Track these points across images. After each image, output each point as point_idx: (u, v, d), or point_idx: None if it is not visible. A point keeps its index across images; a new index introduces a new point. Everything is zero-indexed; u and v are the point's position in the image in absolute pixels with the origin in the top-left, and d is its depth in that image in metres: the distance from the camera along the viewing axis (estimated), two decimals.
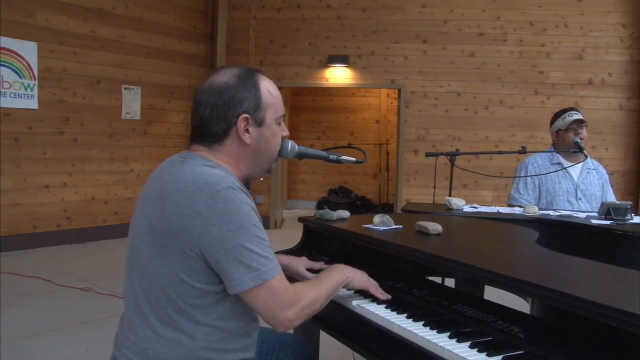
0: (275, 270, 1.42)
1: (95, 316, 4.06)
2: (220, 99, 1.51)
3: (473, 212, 2.86)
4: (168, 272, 1.41)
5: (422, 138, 8.09)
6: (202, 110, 1.52)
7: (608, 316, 1.19)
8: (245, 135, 1.53)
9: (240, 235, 1.37)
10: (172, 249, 1.40)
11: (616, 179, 7.80)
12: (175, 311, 1.43)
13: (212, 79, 1.55)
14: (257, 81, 1.55)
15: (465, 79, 8.01)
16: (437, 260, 1.70)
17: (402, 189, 8.12)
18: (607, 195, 3.41)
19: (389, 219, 2.15)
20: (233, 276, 1.38)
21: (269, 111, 1.56)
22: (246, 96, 1.52)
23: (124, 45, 7.26)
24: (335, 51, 8.22)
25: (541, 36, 7.92)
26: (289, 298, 1.42)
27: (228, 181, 1.42)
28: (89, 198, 7.06)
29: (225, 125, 1.51)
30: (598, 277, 1.63)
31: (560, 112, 3.43)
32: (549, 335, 1.43)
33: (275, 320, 1.42)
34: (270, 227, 8.43)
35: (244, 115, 1.52)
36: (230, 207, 1.38)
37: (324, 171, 10.96)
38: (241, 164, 1.57)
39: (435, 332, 1.46)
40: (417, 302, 1.70)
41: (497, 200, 7.68)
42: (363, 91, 10.79)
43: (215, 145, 1.54)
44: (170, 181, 1.45)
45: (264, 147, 1.58)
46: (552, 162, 3.42)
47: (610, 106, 7.90)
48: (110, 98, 7.16)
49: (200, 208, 1.37)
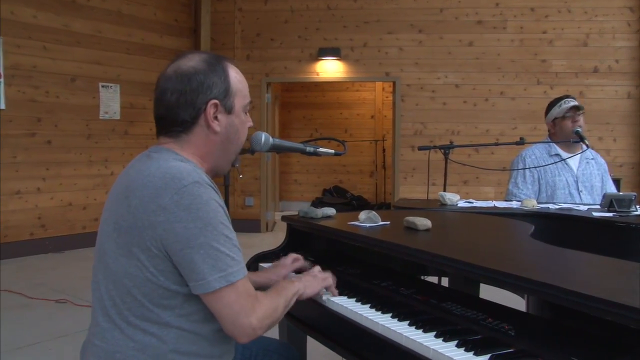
0: (242, 272, 1.41)
1: (72, 329, 4.04)
2: (188, 84, 1.50)
3: (468, 207, 2.86)
4: (134, 272, 1.41)
5: (420, 133, 8.10)
6: (167, 97, 1.52)
7: (603, 310, 1.19)
8: (215, 122, 1.53)
9: (206, 233, 1.37)
10: (137, 247, 1.40)
11: (625, 171, 7.82)
12: (143, 313, 1.42)
13: (177, 65, 1.54)
14: (225, 67, 1.56)
15: (464, 70, 8.02)
16: (424, 256, 1.70)
17: (400, 186, 8.14)
18: (606, 187, 3.44)
19: (375, 215, 2.15)
20: (198, 276, 1.37)
21: (238, 98, 1.57)
22: (215, 81, 1.52)
23: (100, 40, 7.25)
24: (326, 43, 8.23)
25: (543, 22, 7.94)
26: (252, 303, 1.42)
27: (195, 176, 1.42)
28: (66, 204, 7.03)
29: (193, 112, 1.51)
30: (595, 269, 1.63)
31: (556, 100, 3.48)
32: (541, 332, 1.43)
33: (239, 327, 1.40)
34: (262, 230, 8.43)
35: (214, 101, 1.52)
36: (197, 202, 1.38)
37: (318, 170, 10.97)
38: (209, 155, 1.57)
39: (420, 331, 1.46)
40: (404, 301, 1.70)
41: (500, 196, 7.68)
42: (357, 85, 10.80)
43: (182, 136, 1.54)
44: (136, 177, 1.46)
45: (233, 136, 1.58)
46: (551, 153, 3.43)
47: (617, 95, 7.93)
48: (86, 97, 7.14)
49: (165, 203, 1.37)
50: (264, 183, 8.45)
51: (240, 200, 8.44)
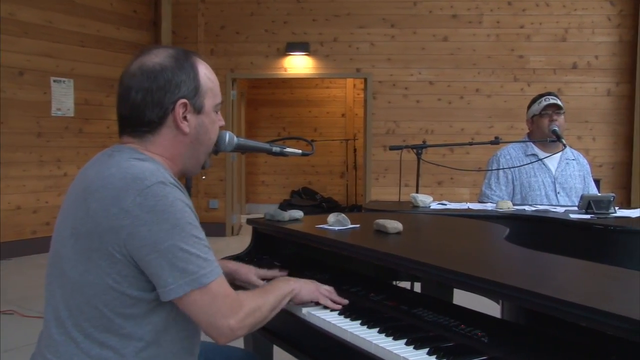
0: (215, 273, 1.40)
1: (20, 342, 3.94)
2: (155, 82, 1.48)
3: (441, 209, 2.89)
4: (94, 279, 1.39)
5: (392, 132, 8.16)
6: (132, 96, 1.49)
7: (578, 315, 1.21)
8: (184, 123, 1.51)
9: (174, 235, 1.36)
10: (97, 253, 1.38)
11: (605, 171, 7.96)
12: (103, 324, 1.40)
13: (142, 61, 1.51)
14: (194, 63, 1.54)
15: (438, 66, 8.10)
16: (394, 261, 1.71)
17: (371, 188, 8.18)
18: (588, 188, 3.48)
19: (344, 217, 2.16)
20: (167, 281, 1.36)
21: (208, 97, 1.56)
22: (184, 79, 1.50)
23: (52, 32, 7.11)
24: (295, 38, 8.22)
25: (520, 17, 8.06)
26: (230, 304, 1.40)
27: (159, 175, 1.41)
28: (14, 207, 6.88)
29: (161, 112, 1.49)
30: (572, 274, 1.66)
31: (537, 97, 3.50)
32: (515, 339, 1.44)
33: (216, 330, 1.39)
34: (227, 234, 8.39)
35: (182, 100, 1.50)
36: (161, 204, 1.36)
37: (286, 171, 10.96)
38: (177, 157, 1.55)
39: (391, 338, 1.46)
40: (374, 307, 1.71)
41: (475, 198, 7.76)
42: (327, 82, 10.82)
43: (148, 136, 1.51)
44: (95, 178, 1.43)
45: (203, 137, 1.57)
46: (527, 153, 3.47)
47: (597, 92, 8.06)
48: (37, 92, 6.99)
49: (128, 206, 1.36)
50: (229, 184, 8.41)
51: (204, 202, 8.38)
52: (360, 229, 2.17)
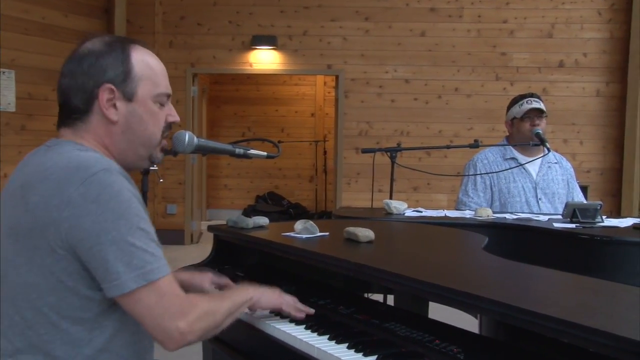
0: (164, 270, 1.40)
1: None
2: (79, 66, 1.52)
3: (416, 216, 2.91)
4: (37, 280, 1.39)
5: (365, 133, 8.19)
6: (61, 81, 1.54)
7: (559, 330, 1.22)
8: (110, 110, 1.53)
9: (119, 226, 1.36)
10: (39, 250, 1.38)
11: (593, 177, 8.02)
12: (49, 331, 1.40)
13: (79, 48, 1.56)
14: (128, 49, 1.56)
15: (415, 63, 8.16)
16: (365, 271, 1.72)
17: (342, 193, 8.20)
18: (573, 194, 3.51)
19: (312, 225, 2.17)
20: (111, 276, 1.36)
21: (143, 85, 1.56)
22: (111, 63, 1.53)
23: None
24: (261, 31, 8.21)
25: (503, 11, 8.14)
26: (180, 305, 1.40)
27: (104, 163, 1.43)
28: None
29: (85, 96, 1.52)
30: (554, 286, 1.69)
31: (519, 98, 3.51)
32: (494, 356, 1.46)
33: (164, 332, 1.38)
34: (186, 242, 8.34)
35: (107, 85, 1.52)
36: (106, 192, 1.38)
37: (251, 175, 10.92)
38: (111, 147, 1.56)
39: (361, 354, 1.48)
40: (344, 320, 1.72)
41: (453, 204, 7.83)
42: (295, 79, 10.83)
43: (79, 124, 1.54)
44: (34, 172, 1.45)
45: (136, 127, 1.57)
46: (506, 157, 3.49)
47: (585, 92, 8.11)
48: None
49: (70, 196, 1.36)
50: (188, 188, 8.35)
51: (161, 207, 8.30)
52: (329, 237, 2.17)
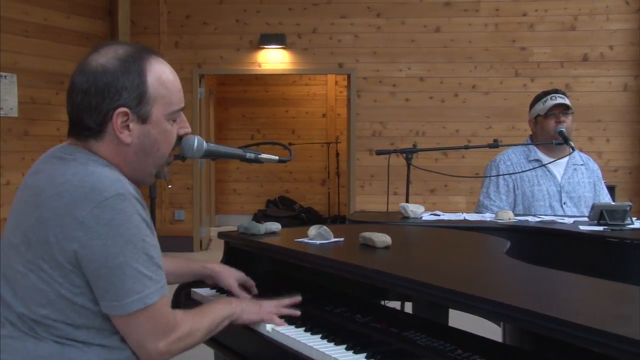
0: (159, 293, 1.50)
1: None
2: (94, 84, 1.53)
3: (434, 220, 2.90)
4: (45, 288, 1.47)
5: (378, 134, 8.19)
6: (74, 96, 1.56)
7: (590, 340, 1.20)
8: (124, 133, 1.56)
9: (125, 252, 1.45)
10: (48, 263, 1.46)
11: (621, 177, 7.92)
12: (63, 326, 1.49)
13: (90, 59, 1.57)
14: (143, 67, 1.57)
15: (430, 60, 8.15)
16: (382, 278, 1.72)
17: (356, 196, 8.20)
18: (600, 197, 3.48)
19: (326, 230, 2.17)
20: (112, 296, 1.46)
21: (157, 106, 1.59)
22: (126, 86, 1.54)
23: None
24: (269, 29, 8.23)
25: (522, 3, 8.08)
26: (165, 327, 1.52)
27: (119, 187, 1.48)
28: None
29: (98, 118, 1.55)
30: (582, 293, 1.67)
31: (542, 95, 3.47)
32: None
33: (144, 351, 1.52)
34: (195, 249, 8.38)
35: (122, 109, 1.54)
36: (119, 218, 1.46)
37: (261, 179, 10.94)
38: (122, 166, 1.60)
39: None
40: (361, 330, 1.72)
41: (472, 207, 7.79)
42: (305, 78, 10.84)
43: (91, 141, 1.57)
44: (48, 184, 1.51)
45: (149, 148, 1.60)
46: (529, 158, 3.45)
47: (611, 87, 8.02)
48: None
49: (83, 217, 1.44)
50: (197, 194, 8.37)
51: (169, 213, 8.34)
52: (344, 243, 2.18)
